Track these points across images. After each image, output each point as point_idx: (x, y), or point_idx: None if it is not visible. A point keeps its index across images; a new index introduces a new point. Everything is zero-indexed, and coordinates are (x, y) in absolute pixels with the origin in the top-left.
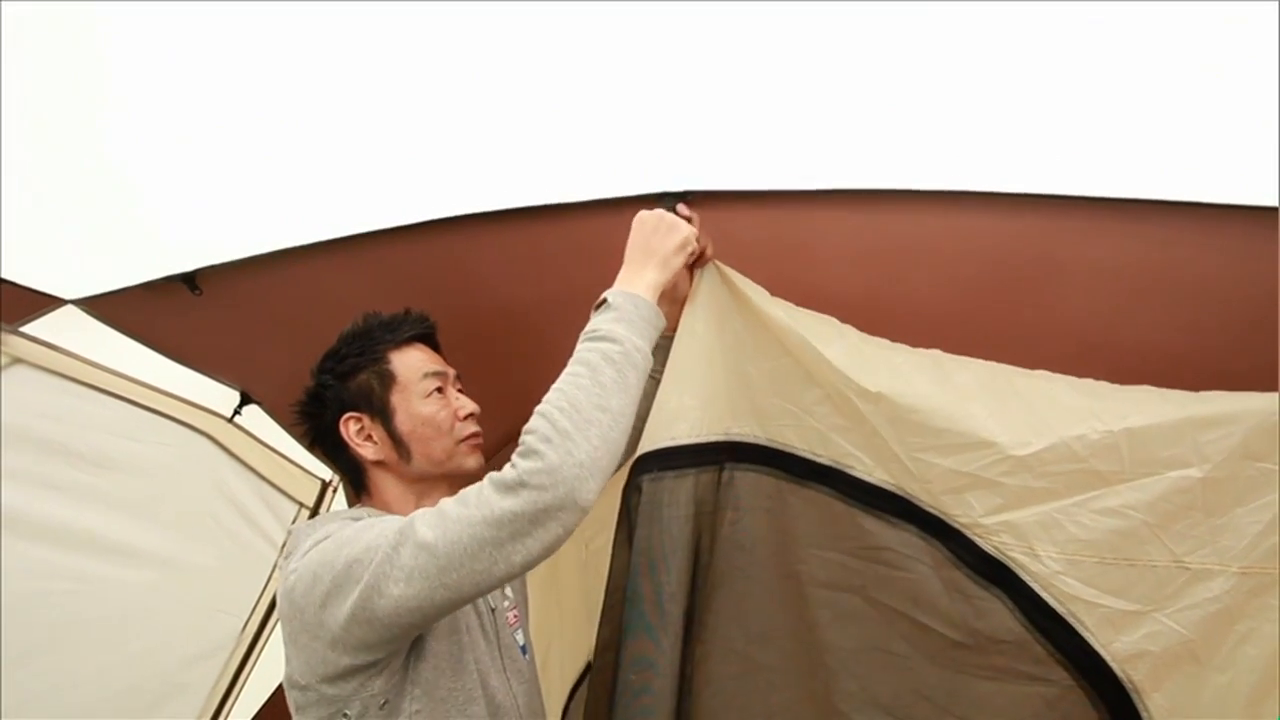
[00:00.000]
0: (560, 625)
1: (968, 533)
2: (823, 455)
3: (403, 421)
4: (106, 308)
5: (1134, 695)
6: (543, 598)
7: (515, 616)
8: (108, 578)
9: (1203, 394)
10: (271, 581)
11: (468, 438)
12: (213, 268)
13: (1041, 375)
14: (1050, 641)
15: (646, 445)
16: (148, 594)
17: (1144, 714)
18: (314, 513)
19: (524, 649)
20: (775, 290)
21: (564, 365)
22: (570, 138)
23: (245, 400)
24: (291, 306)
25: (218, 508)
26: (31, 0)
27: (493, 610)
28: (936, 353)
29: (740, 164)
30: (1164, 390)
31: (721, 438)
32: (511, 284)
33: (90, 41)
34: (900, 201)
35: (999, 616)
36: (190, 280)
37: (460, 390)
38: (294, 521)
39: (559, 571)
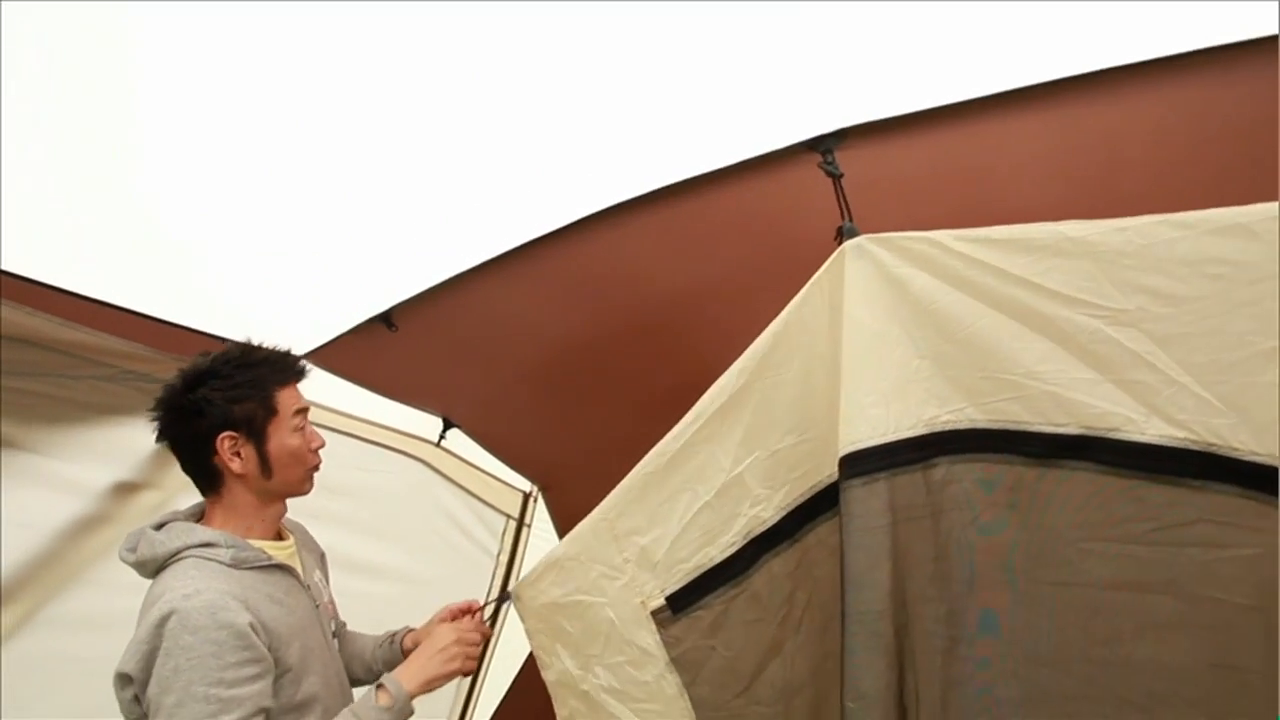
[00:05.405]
0: None
1: None
2: (1067, 424)
3: (274, 448)
4: (324, 357)
5: None
6: None
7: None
8: (356, 591)
9: None
10: (494, 585)
11: (315, 466)
12: (405, 303)
13: None
14: None
15: (842, 449)
16: (388, 606)
17: None
18: (519, 522)
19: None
20: (955, 225)
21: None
22: (707, 103)
23: (448, 425)
24: (474, 329)
25: (439, 524)
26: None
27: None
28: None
29: (890, 90)
30: None
31: (922, 431)
32: (669, 272)
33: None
34: (1092, 89)
35: None
36: (387, 319)
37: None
38: (503, 533)
39: None
